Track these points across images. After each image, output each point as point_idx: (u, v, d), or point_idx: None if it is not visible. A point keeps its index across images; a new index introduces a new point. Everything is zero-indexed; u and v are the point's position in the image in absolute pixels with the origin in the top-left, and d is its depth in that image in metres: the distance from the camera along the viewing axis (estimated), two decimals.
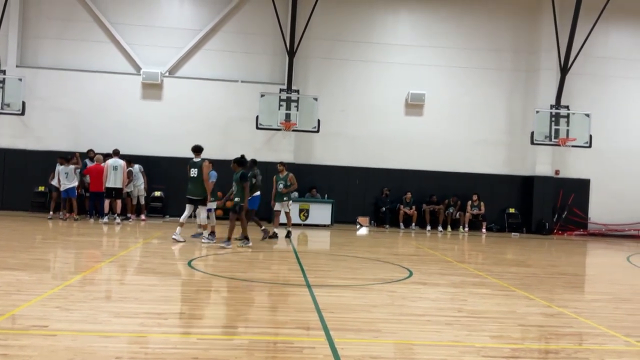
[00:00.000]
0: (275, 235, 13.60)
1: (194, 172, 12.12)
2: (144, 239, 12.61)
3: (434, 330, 5.84)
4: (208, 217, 12.62)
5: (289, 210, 13.92)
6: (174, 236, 11.87)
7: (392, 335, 5.58)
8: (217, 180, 12.85)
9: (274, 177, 13.85)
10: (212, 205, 12.84)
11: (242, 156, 12.14)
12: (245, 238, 11.80)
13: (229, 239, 11.48)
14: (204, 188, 12.08)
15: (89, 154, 16.92)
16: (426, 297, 7.55)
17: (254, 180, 12.99)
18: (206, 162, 12.20)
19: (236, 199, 11.58)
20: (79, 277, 7.75)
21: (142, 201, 17.10)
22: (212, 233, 12.28)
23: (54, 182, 16.32)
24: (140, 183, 16.96)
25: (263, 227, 13.20)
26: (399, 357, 4.93)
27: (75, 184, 16.05)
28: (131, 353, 4.67)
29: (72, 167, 15.99)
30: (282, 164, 13.96)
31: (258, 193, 13.16)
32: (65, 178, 15.85)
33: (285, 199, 13.68)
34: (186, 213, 12.22)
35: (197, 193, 12.11)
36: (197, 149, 12.39)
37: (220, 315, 6.23)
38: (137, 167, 17.00)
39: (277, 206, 13.76)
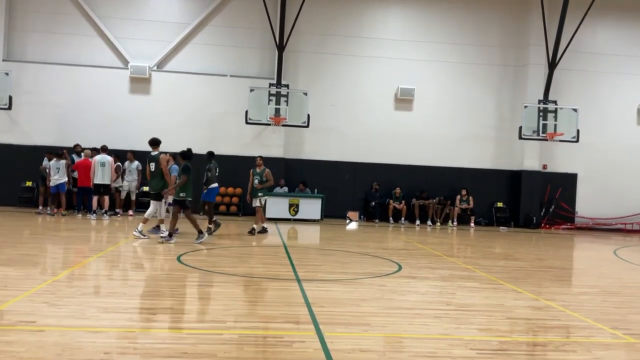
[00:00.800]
0: (265, 230, 13.58)
1: (152, 167, 11.92)
2: (132, 234, 12.53)
3: (422, 323, 5.87)
4: (167, 211, 12.48)
5: (261, 205, 13.55)
6: (160, 235, 11.76)
7: (381, 328, 5.60)
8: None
9: (251, 170, 13.61)
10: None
11: (189, 149, 11.65)
12: (169, 235, 11.19)
13: (200, 232, 11.20)
14: (164, 182, 11.78)
15: (76, 149, 16.80)
16: (415, 291, 7.59)
17: (209, 174, 12.78)
18: (163, 155, 11.94)
19: (181, 194, 11.20)
20: (67, 273, 7.71)
21: (133, 197, 16.99)
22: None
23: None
24: (133, 179, 16.80)
25: (215, 220, 12.81)
26: (389, 350, 4.95)
27: (66, 179, 15.93)
28: (120, 348, 4.65)
29: (63, 162, 15.88)
30: (260, 157, 13.70)
31: (215, 185, 12.96)
32: (57, 173, 15.74)
33: (259, 194, 13.43)
34: (158, 209, 12.10)
35: (157, 187, 11.89)
36: (155, 142, 12.06)
37: (210, 310, 6.22)
38: (135, 164, 16.79)
39: (253, 202, 13.56)
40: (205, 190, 12.79)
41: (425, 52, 19.69)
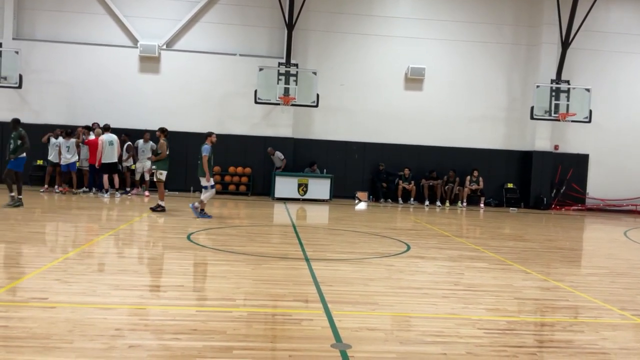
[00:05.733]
0: (158, 208, 12.66)
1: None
2: (143, 212, 12.62)
3: (430, 303, 5.89)
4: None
5: (156, 179, 12.83)
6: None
7: (389, 307, 5.63)
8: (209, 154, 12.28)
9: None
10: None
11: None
12: None
13: None
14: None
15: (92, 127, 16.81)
16: (423, 271, 7.61)
17: (18, 142, 12.48)
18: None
19: None
20: (78, 250, 7.78)
21: (147, 177, 16.94)
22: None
23: (51, 158, 16.27)
24: (144, 159, 16.79)
25: (13, 194, 12.36)
26: (396, 329, 4.98)
27: (76, 158, 16.03)
28: (130, 325, 4.71)
29: (73, 140, 15.96)
30: (159, 130, 12.81)
31: (23, 155, 12.64)
32: (67, 152, 15.85)
33: (154, 167, 12.89)
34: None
35: None
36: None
37: (219, 287, 6.26)
38: (150, 144, 16.61)
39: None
40: (13, 159, 12.42)
41: (436, 30, 19.43)
